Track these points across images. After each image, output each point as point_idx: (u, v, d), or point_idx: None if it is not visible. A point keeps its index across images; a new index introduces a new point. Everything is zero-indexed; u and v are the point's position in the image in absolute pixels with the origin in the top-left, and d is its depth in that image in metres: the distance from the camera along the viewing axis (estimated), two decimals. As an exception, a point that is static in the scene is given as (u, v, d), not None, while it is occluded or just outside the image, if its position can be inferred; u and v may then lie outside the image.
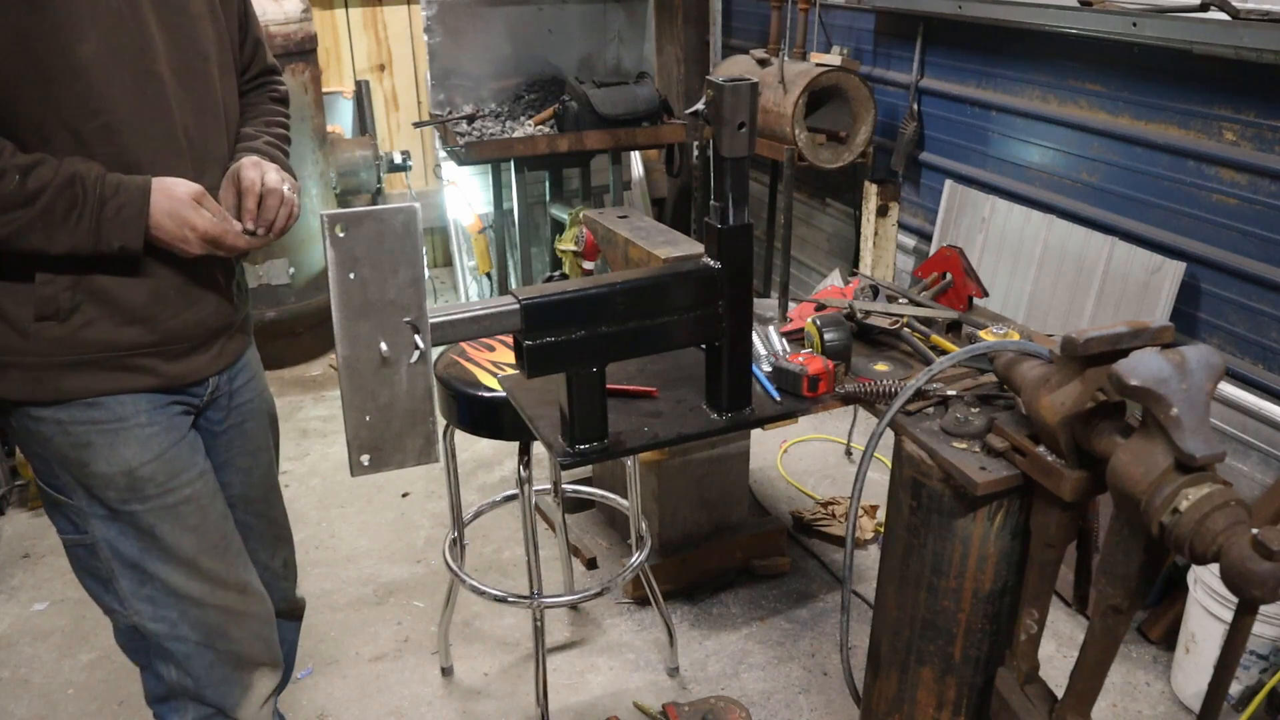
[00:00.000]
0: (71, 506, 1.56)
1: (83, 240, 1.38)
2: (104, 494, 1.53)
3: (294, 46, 3.94)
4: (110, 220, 1.38)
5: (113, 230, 1.39)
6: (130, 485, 1.53)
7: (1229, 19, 2.37)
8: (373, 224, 1.24)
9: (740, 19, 4.89)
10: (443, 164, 4.69)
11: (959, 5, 3.23)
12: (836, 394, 1.65)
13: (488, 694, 2.57)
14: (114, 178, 1.40)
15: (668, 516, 2.83)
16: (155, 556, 1.58)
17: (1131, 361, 1.17)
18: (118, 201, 1.39)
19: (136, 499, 1.54)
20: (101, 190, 1.38)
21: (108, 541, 1.56)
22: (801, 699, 2.53)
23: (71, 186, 1.36)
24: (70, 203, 1.36)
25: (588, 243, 3.34)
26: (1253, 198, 2.54)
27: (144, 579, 1.59)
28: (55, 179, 1.34)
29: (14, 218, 1.34)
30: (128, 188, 1.40)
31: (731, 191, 1.46)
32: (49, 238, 1.36)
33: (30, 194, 1.33)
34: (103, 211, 1.38)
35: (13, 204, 1.33)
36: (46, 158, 1.35)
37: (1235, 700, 2.32)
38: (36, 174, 1.34)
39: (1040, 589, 1.43)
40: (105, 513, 1.54)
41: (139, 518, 1.55)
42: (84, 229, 1.37)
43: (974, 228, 3.46)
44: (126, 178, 1.41)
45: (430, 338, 1.32)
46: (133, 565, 1.58)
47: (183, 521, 1.59)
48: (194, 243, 1.46)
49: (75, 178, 1.36)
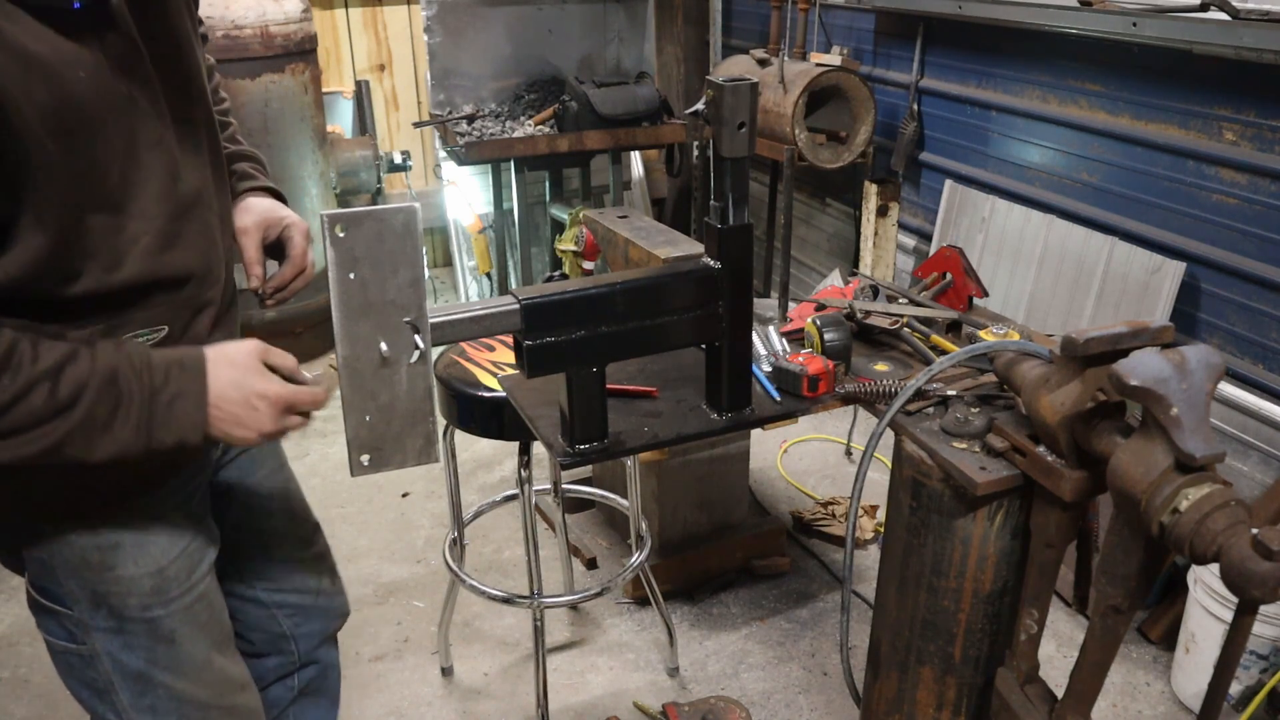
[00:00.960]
0: (69, 617, 1.35)
1: (129, 443, 1.16)
2: (123, 602, 1.34)
3: (294, 46, 3.93)
4: (162, 415, 1.17)
5: (166, 427, 1.18)
6: (156, 588, 1.36)
7: (1229, 19, 2.37)
8: (373, 224, 1.24)
9: (740, 19, 4.89)
10: (443, 164, 4.69)
11: (959, 5, 3.23)
12: (836, 394, 1.65)
13: (488, 694, 2.57)
14: (161, 359, 1.18)
15: (668, 516, 2.83)
16: (164, 666, 1.40)
17: (1131, 361, 1.17)
18: (170, 391, 1.18)
19: (160, 603, 1.36)
20: (150, 380, 1.16)
21: (110, 654, 1.37)
22: (801, 699, 2.53)
23: (114, 385, 1.14)
24: (114, 403, 1.14)
25: (588, 243, 3.34)
26: (1253, 198, 2.54)
27: (147, 689, 1.41)
28: (92, 378, 1.12)
29: (46, 431, 1.11)
30: (181, 370, 1.19)
31: (731, 191, 1.46)
32: (89, 448, 1.15)
33: (64, 402, 1.11)
34: (153, 405, 1.16)
35: (44, 418, 1.11)
36: (78, 350, 1.13)
37: (1235, 700, 2.32)
38: (69, 376, 1.12)
39: (1040, 589, 1.43)
40: (112, 624, 1.36)
41: (159, 624, 1.38)
42: (130, 430, 1.16)
43: (974, 228, 3.46)
44: (176, 356, 1.20)
45: (430, 338, 1.32)
46: (136, 676, 1.40)
47: (197, 620, 1.43)
48: (266, 416, 1.23)
49: (116, 374, 1.14)
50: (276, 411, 1.24)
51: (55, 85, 1.07)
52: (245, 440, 1.25)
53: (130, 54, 1.18)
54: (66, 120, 1.09)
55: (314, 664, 1.78)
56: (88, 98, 1.11)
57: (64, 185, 1.10)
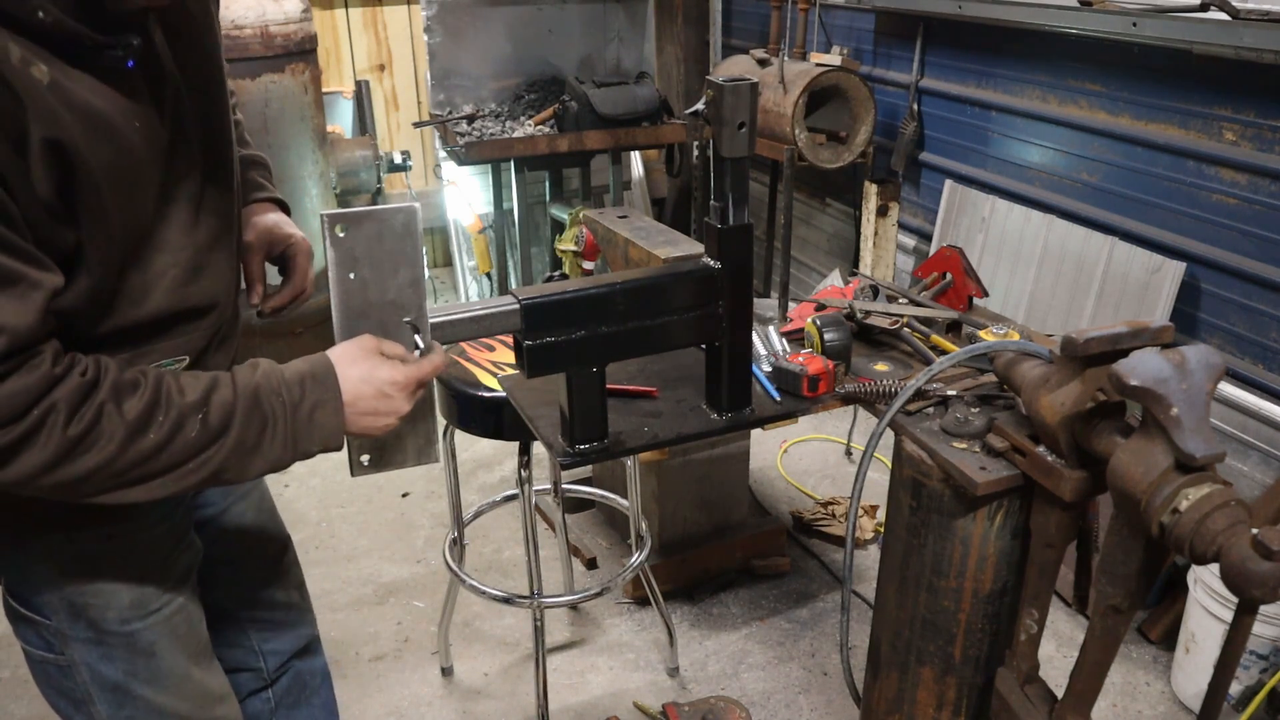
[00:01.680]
0: (47, 626, 1.34)
1: (278, 457, 1.20)
2: (101, 615, 1.33)
3: (294, 46, 3.93)
4: (305, 426, 1.20)
5: (310, 437, 1.21)
6: (136, 601, 1.35)
7: (1229, 19, 2.37)
8: (373, 224, 1.24)
9: (740, 19, 4.89)
10: (443, 164, 4.69)
11: (959, 5, 3.23)
12: (836, 394, 1.65)
13: (488, 694, 2.56)
14: (293, 373, 1.21)
15: (668, 516, 2.83)
16: (143, 678, 1.40)
17: (1131, 361, 1.17)
18: (310, 402, 1.20)
19: (139, 616, 1.36)
20: (289, 395, 1.19)
21: (88, 665, 1.36)
22: (801, 699, 2.53)
23: (258, 406, 1.17)
24: (261, 424, 1.17)
25: (588, 243, 3.34)
26: (1253, 198, 2.54)
27: (125, 700, 1.40)
28: (238, 403, 1.16)
29: (204, 460, 1.15)
30: (314, 380, 1.22)
31: (731, 191, 1.46)
32: (242, 469, 1.18)
33: (216, 431, 1.15)
34: (296, 419, 1.20)
35: (201, 448, 1.14)
36: (218, 378, 1.17)
37: (1235, 700, 2.32)
38: (216, 404, 1.15)
39: (1040, 589, 1.43)
40: (91, 635, 1.34)
41: (139, 637, 1.37)
42: (278, 447, 1.19)
43: (974, 228, 3.46)
44: (307, 367, 1.22)
45: (430, 338, 1.32)
46: (114, 688, 1.38)
47: (176, 632, 1.42)
48: (400, 400, 1.26)
49: (258, 395, 1.18)
50: (408, 393, 1.27)
51: (115, 140, 1.10)
52: (385, 428, 1.27)
53: (175, 104, 1.21)
54: (124, 173, 1.12)
55: (286, 675, 1.77)
56: (140, 149, 1.14)
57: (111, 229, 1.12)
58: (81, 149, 1.05)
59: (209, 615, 1.60)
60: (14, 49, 1.00)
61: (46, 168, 1.03)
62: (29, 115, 1.01)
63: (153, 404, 1.11)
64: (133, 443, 1.09)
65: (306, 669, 1.80)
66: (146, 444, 1.10)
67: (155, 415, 1.11)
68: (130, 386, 1.10)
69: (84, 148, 1.06)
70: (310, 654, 1.82)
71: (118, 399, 1.09)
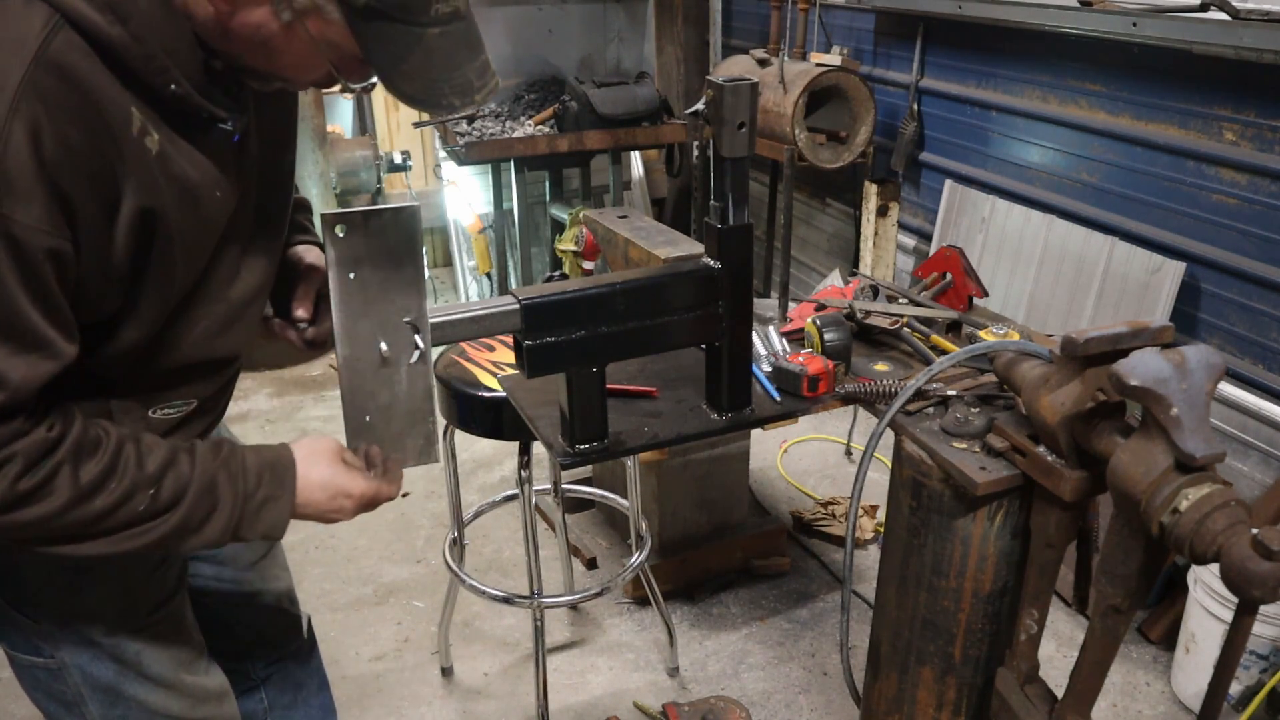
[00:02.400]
0: (35, 629, 1.33)
1: (215, 540, 1.20)
2: (90, 624, 1.33)
3: (294, 46, 3.93)
4: (251, 517, 1.21)
5: (252, 527, 1.22)
6: (122, 613, 1.35)
7: (1229, 19, 2.37)
8: (373, 224, 1.24)
9: (740, 19, 4.89)
10: (443, 164, 4.69)
11: (959, 5, 3.23)
12: (836, 394, 1.65)
13: (488, 694, 2.57)
14: (254, 462, 1.22)
15: (668, 516, 2.83)
16: (134, 679, 1.39)
17: (1131, 361, 1.17)
18: (262, 496, 1.22)
19: (125, 628, 1.35)
20: (245, 486, 1.20)
21: (79, 667, 1.35)
22: (801, 699, 2.53)
23: (211, 492, 1.18)
24: (209, 508, 1.18)
25: (588, 243, 3.34)
26: (1253, 198, 2.54)
27: (118, 700, 1.39)
28: (192, 485, 1.16)
29: (144, 530, 1.14)
30: (272, 474, 1.22)
31: (731, 191, 1.46)
32: (178, 545, 1.18)
33: (163, 507, 1.14)
34: (245, 509, 1.20)
35: (143, 520, 1.14)
36: (178, 455, 1.17)
37: (1235, 700, 2.32)
38: (169, 482, 1.15)
39: (1040, 589, 1.43)
40: (79, 639, 1.34)
41: (123, 646, 1.36)
42: (218, 531, 1.19)
43: (974, 228, 3.46)
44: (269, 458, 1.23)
45: (430, 338, 1.32)
46: (106, 689, 1.38)
47: (164, 639, 1.41)
48: (349, 510, 1.28)
49: (215, 483, 1.18)
50: (358, 506, 1.30)
51: (199, 209, 1.12)
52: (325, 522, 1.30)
53: (250, 177, 1.24)
54: (199, 238, 1.15)
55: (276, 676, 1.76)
56: (215, 216, 1.16)
57: (173, 289, 1.15)
58: (171, 217, 1.08)
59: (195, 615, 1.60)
60: (137, 117, 1.03)
61: (131, 234, 1.05)
62: (130, 184, 1.03)
63: (108, 471, 1.11)
64: (77, 506, 1.09)
65: (303, 673, 1.80)
66: (91, 509, 1.10)
67: (108, 483, 1.11)
68: (91, 448, 1.10)
69: (172, 216, 1.08)
70: (303, 657, 1.81)
71: (76, 460, 1.09)
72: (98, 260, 1.05)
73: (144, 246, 1.07)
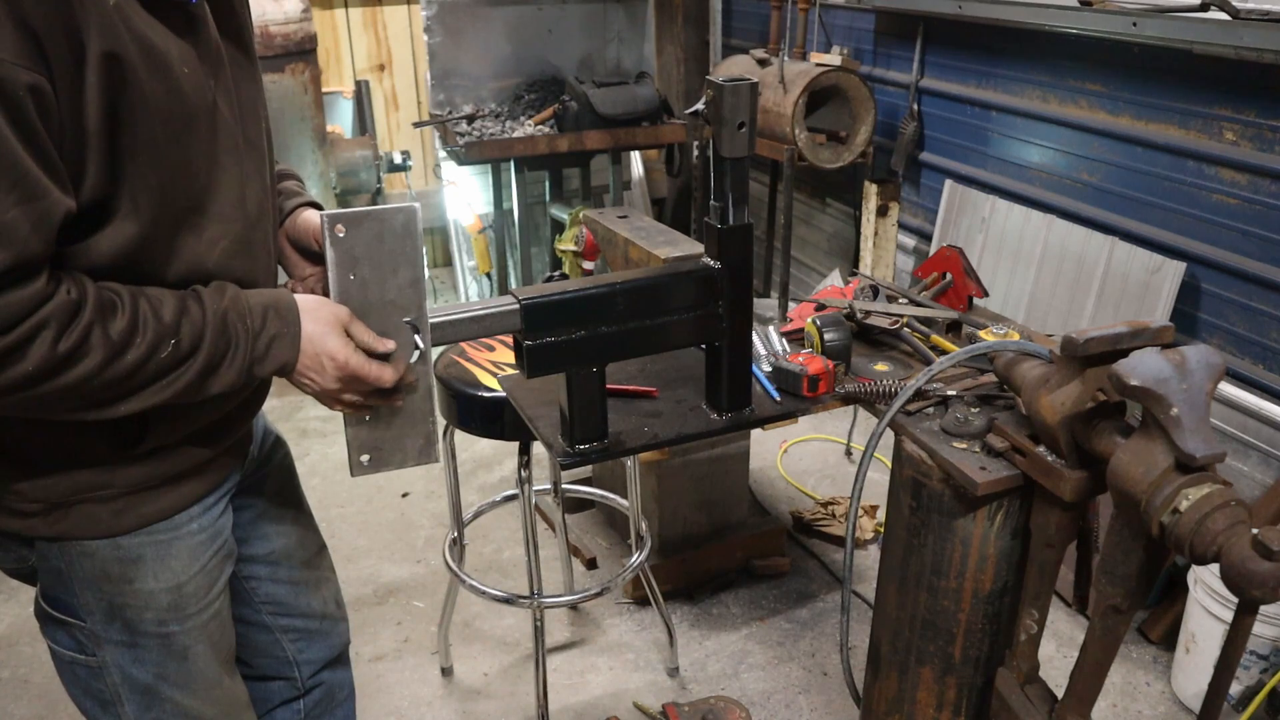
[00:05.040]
0: (82, 629, 1.35)
1: (234, 382, 1.21)
2: (139, 616, 1.34)
3: (294, 46, 3.93)
4: (262, 353, 1.22)
5: (263, 364, 1.23)
6: (174, 604, 1.36)
7: (1229, 19, 2.37)
8: (373, 224, 1.24)
9: (740, 19, 4.89)
10: (443, 164, 4.69)
11: (959, 5, 3.23)
12: (836, 394, 1.65)
13: (488, 694, 2.57)
14: (258, 302, 1.23)
15: (668, 516, 2.83)
16: (174, 682, 1.40)
17: (1131, 361, 1.17)
18: (270, 333, 1.22)
19: (176, 619, 1.37)
20: (253, 324, 1.21)
21: (120, 667, 1.37)
22: (801, 699, 2.53)
23: (225, 331, 1.19)
24: (225, 347, 1.19)
25: (588, 243, 3.34)
26: (1253, 198, 2.54)
27: (154, 703, 1.41)
28: (208, 327, 1.17)
29: (173, 379, 1.16)
30: (276, 313, 1.23)
31: (731, 191, 1.46)
32: (202, 389, 1.19)
33: (186, 352, 1.16)
34: (255, 346, 1.22)
35: (172, 368, 1.16)
36: (186, 302, 1.17)
37: (1235, 700, 2.32)
38: (188, 326, 1.16)
39: (1040, 589, 1.43)
40: (125, 638, 1.35)
41: (174, 640, 1.38)
42: (235, 371, 1.21)
43: (974, 228, 3.46)
44: (270, 299, 1.24)
45: (430, 338, 1.32)
46: (144, 690, 1.39)
47: (211, 638, 1.43)
48: (329, 377, 1.26)
49: (226, 320, 1.19)
50: (340, 376, 1.26)
51: (167, 76, 1.11)
52: (313, 394, 1.29)
53: (217, 59, 1.22)
54: (174, 112, 1.12)
55: (319, 687, 1.75)
56: (188, 93, 1.14)
57: (163, 174, 1.13)
58: (140, 74, 1.06)
59: (243, 624, 1.60)
60: None
61: (100, 82, 1.03)
62: (92, 27, 1.02)
63: (132, 325, 1.11)
64: (113, 364, 1.10)
65: (336, 681, 1.78)
66: (124, 364, 1.11)
67: (134, 337, 1.11)
68: (110, 306, 1.11)
69: (142, 74, 1.07)
70: (341, 664, 1.79)
71: (103, 319, 1.09)
72: (72, 110, 1.03)
73: (116, 103, 1.06)
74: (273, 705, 1.71)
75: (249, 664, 1.65)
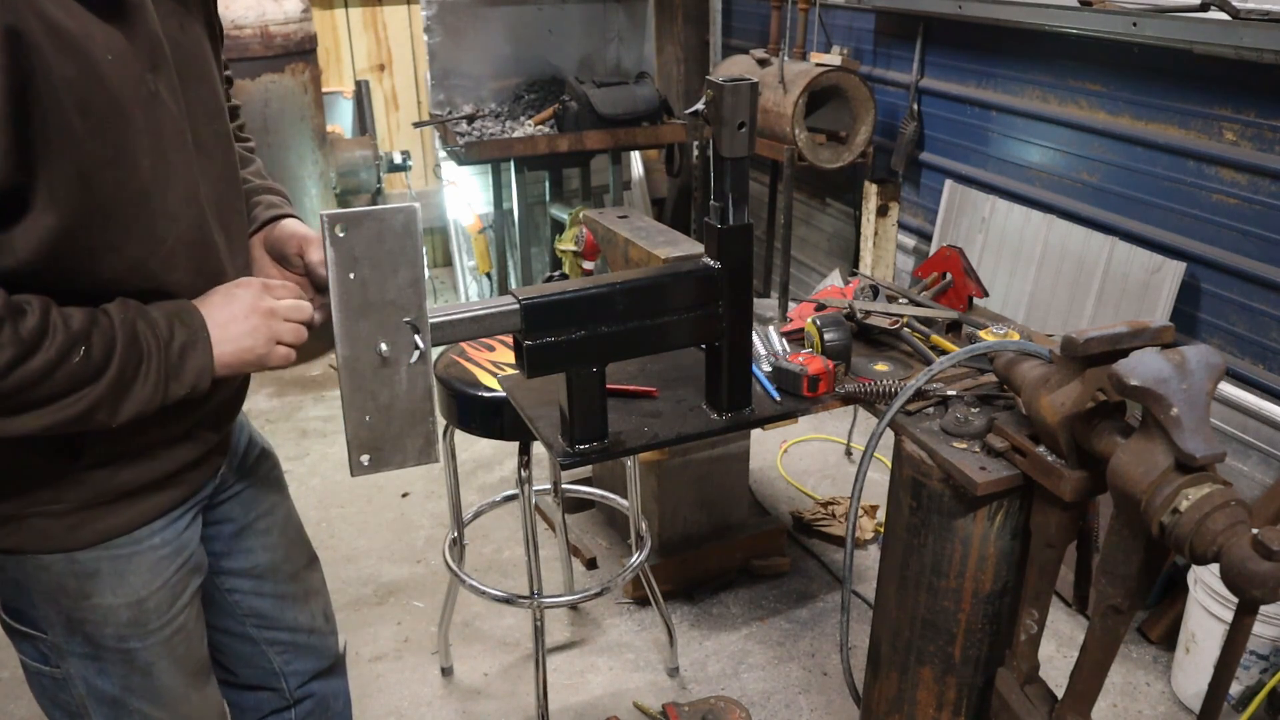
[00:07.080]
0: (44, 641, 1.32)
1: (148, 400, 1.16)
2: (99, 631, 1.31)
3: (294, 46, 3.94)
4: (175, 366, 1.18)
5: (179, 378, 1.18)
6: (134, 619, 1.33)
7: (1229, 19, 2.37)
8: (373, 224, 1.24)
9: (740, 19, 4.89)
10: (443, 164, 4.69)
11: (959, 5, 3.23)
12: (836, 394, 1.65)
13: (488, 694, 2.57)
14: (160, 313, 1.19)
15: (668, 516, 2.83)
16: (140, 694, 1.38)
17: (1131, 361, 1.17)
18: (179, 342, 1.18)
19: (137, 635, 1.34)
20: (162, 334, 1.17)
21: (84, 679, 1.35)
22: (801, 699, 2.53)
23: (136, 343, 1.14)
24: (137, 361, 1.14)
25: (588, 243, 3.33)
26: (1253, 198, 2.54)
27: (122, 714, 1.38)
28: (118, 339, 1.12)
29: (84, 394, 1.11)
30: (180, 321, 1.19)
31: (731, 191, 1.45)
32: (115, 409, 1.14)
33: (98, 364, 1.11)
34: (167, 358, 1.17)
35: (83, 380, 1.10)
36: (96, 313, 1.13)
37: (1235, 700, 2.32)
38: (98, 338, 1.11)
39: (1040, 589, 1.43)
40: (88, 650, 1.33)
41: (136, 656, 1.35)
42: (149, 387, 1.16)
43: (974, 228, 3.46)
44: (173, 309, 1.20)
45: (430, 338, 1.32)
46: (110, 701, 1.37)
47: (174, 653, 1.39)
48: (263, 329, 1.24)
49: (136, 332, 1.14)
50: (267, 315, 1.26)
51: (82, 61, 1.05)
52: (260, 364, 1.27)
53: (155, 50, 1.17)
54: (94, 99, 1.07)
55: (310, 698, 1.72)
56: (114, 81, 1.09)
57: (84, 164, 1.08)
58: (45, 50, 1.01)
59: (227, 635, 1.58)
60: None
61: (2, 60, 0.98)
62: None
63: (42, 328, 1.07)
64: (22, 363, 1.06)
65: (329, 690, 1.75)
66: (33, 368, 1.06)
67: (44, 340, 1.07)
68: (19, 307, 1.07)
69: (50, 56, 1.01)
70: (333, 674, 1.76)
71: (13, 317, 1.05)
72: None
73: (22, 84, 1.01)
74: (263, 714, 1.69)
75: (235, 673, 1.63)
